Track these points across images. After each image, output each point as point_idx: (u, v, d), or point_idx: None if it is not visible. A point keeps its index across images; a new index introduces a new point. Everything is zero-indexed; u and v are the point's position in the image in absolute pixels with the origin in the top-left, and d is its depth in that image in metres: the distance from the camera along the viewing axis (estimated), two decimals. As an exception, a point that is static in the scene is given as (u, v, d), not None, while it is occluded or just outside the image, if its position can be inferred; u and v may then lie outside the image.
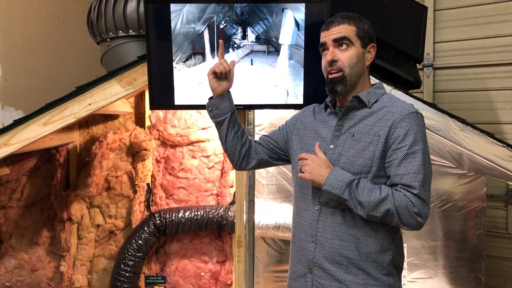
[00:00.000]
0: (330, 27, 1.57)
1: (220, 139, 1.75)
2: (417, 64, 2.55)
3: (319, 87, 2.00)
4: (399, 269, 1.59)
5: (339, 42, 1.54)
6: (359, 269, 1.50)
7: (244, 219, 2.15)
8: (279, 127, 1.84)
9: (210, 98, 1.69)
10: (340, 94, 1.55)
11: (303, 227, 1.61)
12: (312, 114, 1.74)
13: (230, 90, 1.69)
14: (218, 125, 1.71)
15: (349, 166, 1.50)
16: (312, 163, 1.48)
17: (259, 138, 1.84)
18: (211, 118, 1.71)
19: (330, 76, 1.56)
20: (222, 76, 1.64)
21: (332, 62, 1.53)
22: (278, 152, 1.79)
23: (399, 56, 2.42)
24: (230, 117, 1.68)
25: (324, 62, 1.58)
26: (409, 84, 2.49)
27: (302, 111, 1.80)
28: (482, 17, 3.25)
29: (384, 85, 1.78)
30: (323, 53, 1.59)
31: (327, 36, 1.56)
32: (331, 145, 1.57)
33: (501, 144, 2.15)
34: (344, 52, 1.54)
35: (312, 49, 1.98)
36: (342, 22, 1.55)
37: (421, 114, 1.53)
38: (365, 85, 1.60)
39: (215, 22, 1.98)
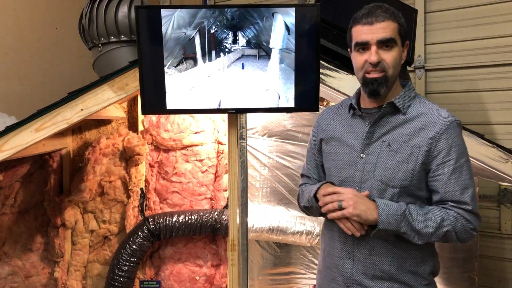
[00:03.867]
0: (373, 22, 1.41)
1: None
2: (407, 66, 2.57)
3: (310, 90, 2.02)
4: (436, 275, 1.56)
5: (384, 43, 1.42)
6: (401, 283, 1.45)
7: (237, 223, 2.16)
8: (309, 154, 1.77)
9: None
10: (381, 96, 1.46)
11: (337, 243, 1.53)
12: (331, 118, 1.64)
13: None
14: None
15: (387, 179, 1.43)
16: (353, 196, 1.39)
17: (307, 179, 1.77)
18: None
19: (370, 76, 1.44)
20: None
21: (378, 64, 1.42)
22: None
23: (390, 58, 2.43)
24: None
25: (362, 60, 1.46)
26: (400, 86, 2.50)
27: (317, 121, 1.71)
28: (472, 19, 3.28)
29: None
30: (361, 51, 1.46)
31: (370, 34, 1.42)
32: (362, 154, 1.48)
33: (491, 144, 2.17)
34: (388, 52, 1.42)
35: (302, 53, 1.99)
36: (386, 17, 1.42)
37: (459, 120, 1.47)
38: (397, 85, 1.52)
39: (206, 27, 1.98)
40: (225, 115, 2.92)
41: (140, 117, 2.98)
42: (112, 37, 2.76)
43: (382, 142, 1.46)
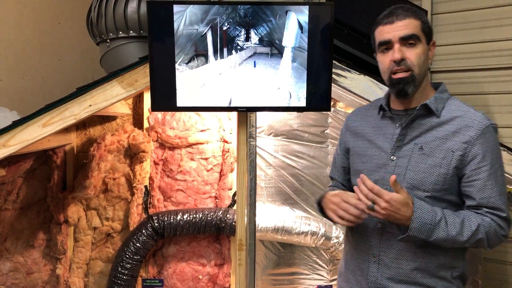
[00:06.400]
0: (394, 20, 1.41)
1: None
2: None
3: (322, 90, 2.01)
4: (465, 282, 1.53)
5: (407, 40, 1.40)
6: (426, 286, 1.43)
7: (245, 222, 2.14)
8: (336, 155, 1.75)
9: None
10: (409, 96, 1.44)
11: (362, 246, 1.51)
12: (360, 119, 1.63)
13: None
14: None
15: (419, 183, 1.41)
16: (388, 206, 1.31)
17: (333, 182, 1.78)
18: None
19: (396, 76, 1.42)
20: None
21: (401, 61, 1.41)
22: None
23: (400, 59, 2.42)
24: None
25: (386, 61, 1.45)
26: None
27: (345, 122, 1.70)
28: (479, 22, 3.27)
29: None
30: (385, 51, 1.46)
31: (391, 32, 1.41)
32: (393, 157, 1.46)
33: (502, 148, 2.16)
34: (411, 49, 1.40)
35: (315, 52, 1.97)
36: (407, 15, 1.41)
37: (495, 123, 1.45)
38: (427, 86, 1.48)
39: (218, 23, 1.96)
40: (231, 114, 2.90)
41: (146, 114, 2.96)
42: (120, 32, 2.73)
43: (414, 145, 1.43)
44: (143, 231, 2.81)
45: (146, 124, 2.96)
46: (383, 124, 1.53)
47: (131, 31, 2.73)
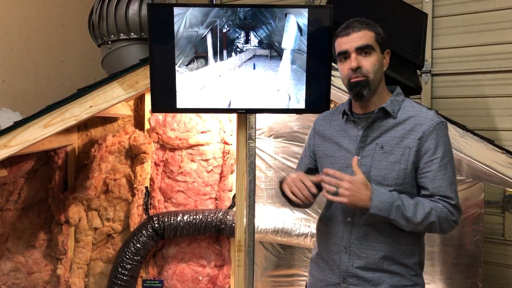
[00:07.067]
0: (350, 33, 1.56)
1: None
2: (417, 70, 2.56)
3: (321, 92, 2.01)
4: (422, 268, 1.66)
5: (362, 49, 1.54)
6: (392, 273, 1.56)
7: (244, 223, 2.15)
8: (303, 156, 1.84)
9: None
10: (365, 98, 1.56)
11: (334, 239, 1.63)
12: (326, 123, 1.74)
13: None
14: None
15: (382, 179, 1.53)
16: (351, 186, 1.43)
17: None
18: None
19: (353, 80, 1.55)
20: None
21: (357, 69, 1.54)
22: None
23: (400, 62, 2.42)
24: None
25: (345, 69, 1.58)
26: (409, 90, 2.49)
27: (313, 126, 1.81)
28: (479, 25, 3.28)
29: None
30: (343, 60, 1.59)
31: (348, 43, 1.56)
32: (358, 157, 1.56)
33: (501, 150, 2.17)
34: (367, 58, 1.54)
35: (314, 54, 1.98)
36: (362, 28, 1.55)
37: (446, 121, 1.57)
38: (383, 91, 1.62)
39: (218, 26, 1.97)
40: (232, 115, 2.91)
41: (147, 115, 2.98)
42: (122, 34, 2.75)
43: (375, 145, 1.56)
44: (144, 232, 2.82)
45: (147, 126, 2.98)
46: (347, 127, 1.66)
47: (132, 33, 2.75)
